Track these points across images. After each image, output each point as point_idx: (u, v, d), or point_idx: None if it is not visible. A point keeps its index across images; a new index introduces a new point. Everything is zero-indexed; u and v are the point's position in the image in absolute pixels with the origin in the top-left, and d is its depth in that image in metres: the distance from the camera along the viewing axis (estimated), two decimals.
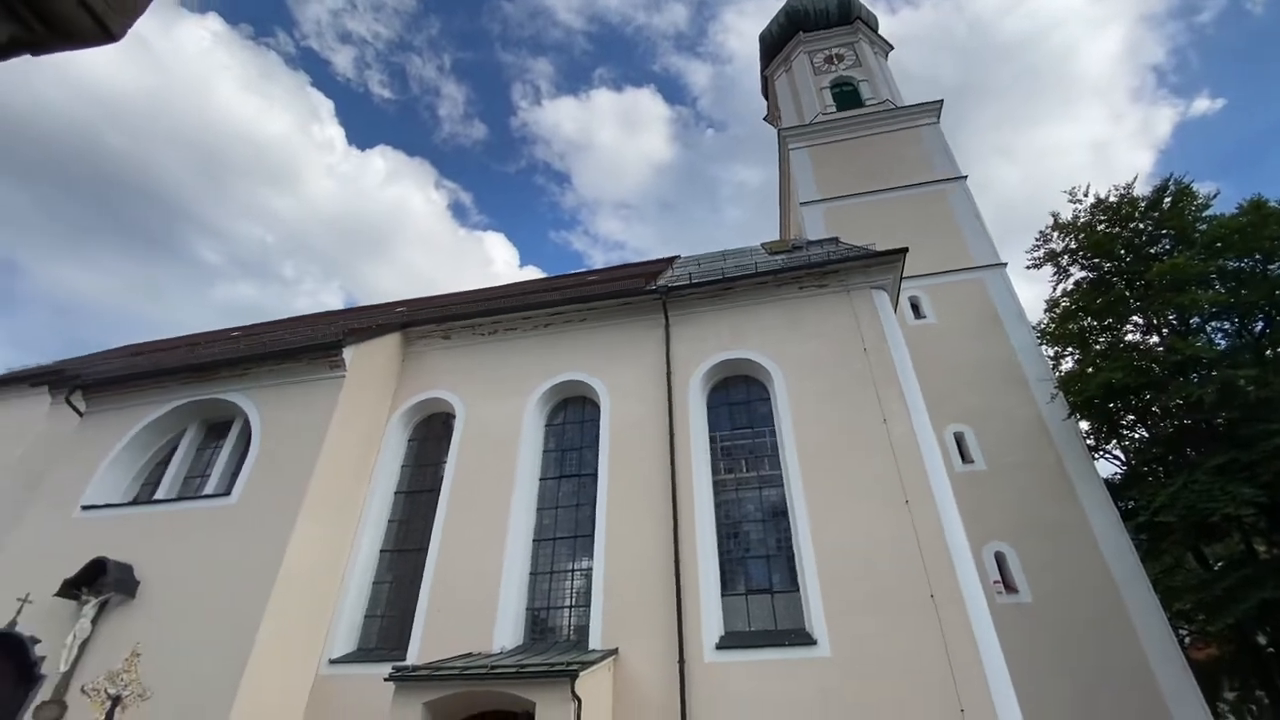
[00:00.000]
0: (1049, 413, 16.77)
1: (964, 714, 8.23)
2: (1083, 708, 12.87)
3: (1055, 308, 19.89)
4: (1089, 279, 19.28)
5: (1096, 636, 13.65)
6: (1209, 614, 15.75)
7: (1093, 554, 14.63)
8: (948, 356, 17.90)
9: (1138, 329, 18.55)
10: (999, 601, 14.14)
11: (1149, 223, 18.50)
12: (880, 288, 12.79)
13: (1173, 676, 13.11)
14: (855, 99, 26.95)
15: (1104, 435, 19.25)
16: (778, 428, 11.76)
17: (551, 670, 8.22)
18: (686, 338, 13.17)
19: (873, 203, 22.15)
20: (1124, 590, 14.08)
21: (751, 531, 11.18)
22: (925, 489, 10.09)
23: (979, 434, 16.64)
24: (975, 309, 19.07)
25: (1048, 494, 15.57)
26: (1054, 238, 19.91)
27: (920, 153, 23.45)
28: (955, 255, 20.20)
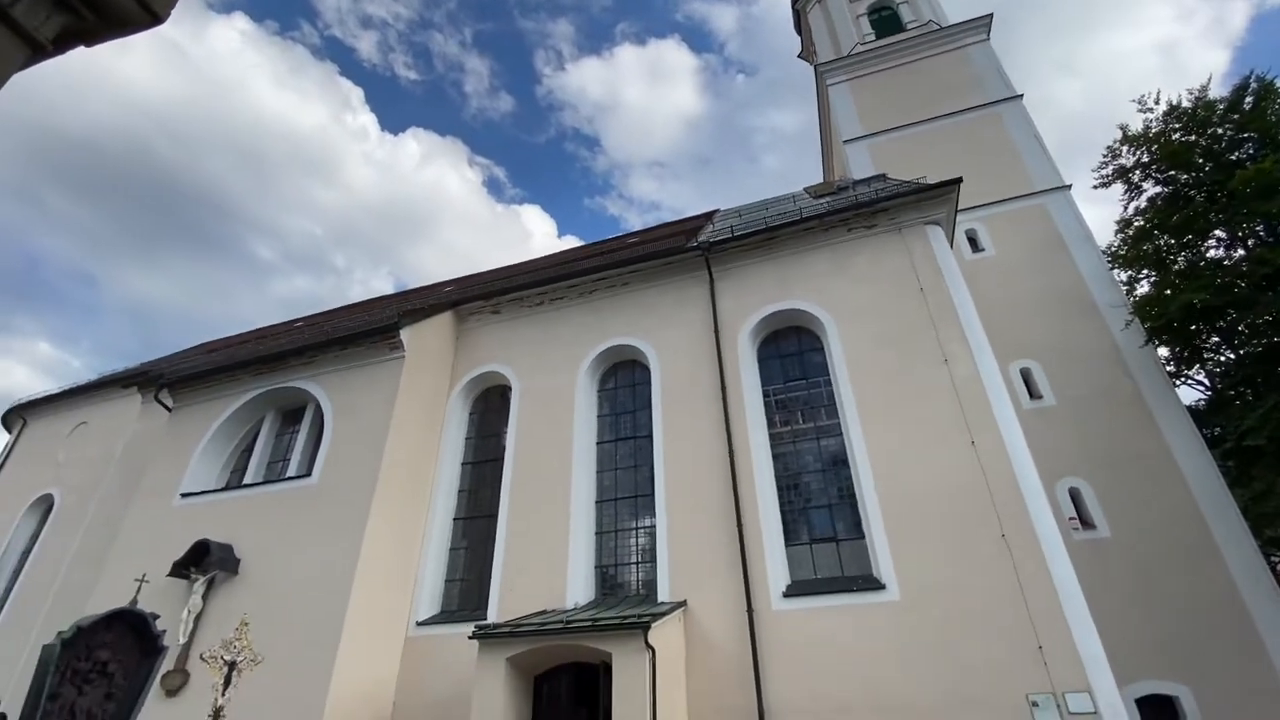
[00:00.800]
0: (1124, 340, 15.85)
1: (1042, 650, 8.14)
2: (1170, 641, 12.50)
3: (1127, 228, 18.55)
4: (1164, 194, 17.85)
5: (1181, 568, 13.13)
6: None
7: (1176, 484, 13.97)
8: (1010, 290, 17.05)
9: (1220, 244, 17.17)
10: (1075, 538, 13.73)
11: (1229, 127, 16.87)
12: (934, 223, 12.22)
13: (1266, 604, 12.54)
14: (896, 24, 25.32)
15: (1185, 360, 18.09)
16: (833, 377, 11.55)
17: (625, 622, 8.54)
18: (732, 293, 12.99)
19: (921, 134, 20.97)
20: (1210, 519, 13.43)
21: (812, 482, 11.15)
22: (992, 428, 9.79)
23: (1047, 368, 15.90)
24: (1038, 237, 18.01)
25: (1124, 425, 14.85)
26: (1123, 152, 18.43)
27: (970, 75, 21.94)
28: (1014, 182, 19.01)
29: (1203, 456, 14.19)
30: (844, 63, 24.15)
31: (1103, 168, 18.97)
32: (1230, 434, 15.42)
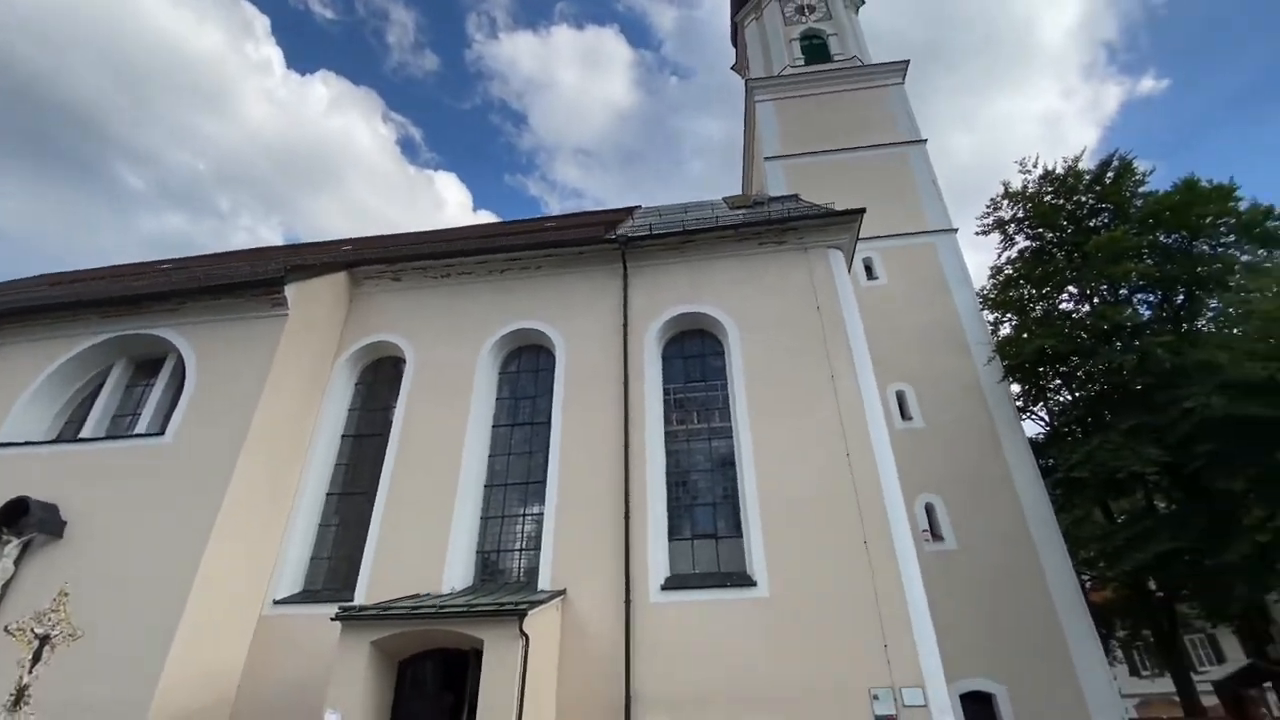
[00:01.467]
0: (985, 375, 17.63)
1: (887, 648, 8.90)
2: (994, 644, 14.08)
3: (998, 274, 20.67)
4: (1032, 248, 20.04)
5: (1010, 581, 14.82)
6: (1109, 562, 17.30)
7: (1013, 506, 15.74)
8: (895, 318, 18.46)
9: (1072, 298, 19.51)
10: (926, 549, 15.11)
11: (1091, 196, 19.22)
12: (837, 247, 12.97)
13: (1074, 617, 14.43)
14: (824, 53, 26.61)
15: (1032, 397, 20.41)
16: (730, 382, 11.98)
17: (501, 609, 8.41)
18: (645, 289, 13.12)
19: (834, 162, 22.19)
20: (1038, 540, 15.25)
21: (700, 480, 11.52)
22: (866, 443, 10.55)
23: (919, 393, 17.39)
24: (925, 273, 19.61)
25: (977, 451, 16.53)
26: (1003, 206, 20.51)
27: (884, 113, 23.49)
28: (910, 219, 20.59)
29: (1037, 484, 16.06)
30: (773, 82, 25.07)
31: (985, 217, 21.00)
32: (1061, 466, 17.59)
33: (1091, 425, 18.35)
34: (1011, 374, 18.26)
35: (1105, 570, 18.16)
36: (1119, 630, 22.17)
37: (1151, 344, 16.28)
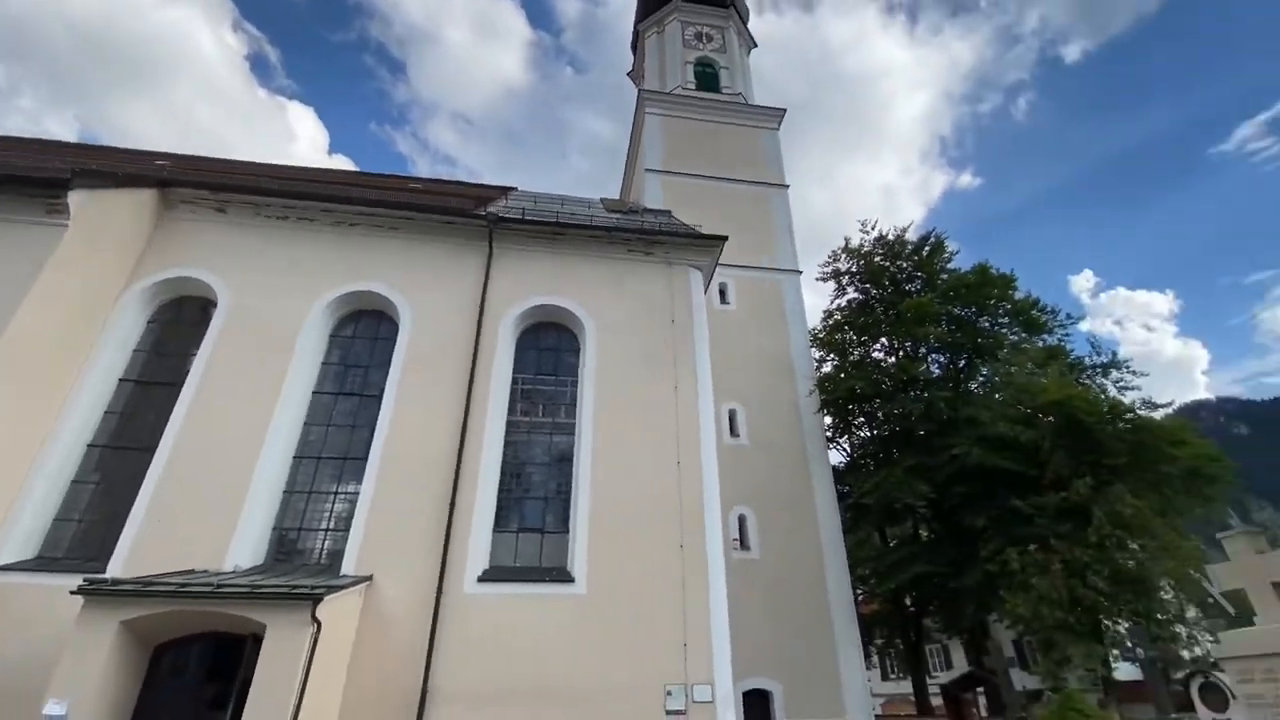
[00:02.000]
0: (805, 404, 19.56)
1: (686, 647, 9.48)
2: (778, 647, 15.59)
3: (829, 318, 23.09)
4: (859, 300, 22.69)
5: (798, 591, 16.53)
6: (879, 579, 20.02)
7: (811, 524, 17.60)
8: (738, 342, 19.83)
9: (883, 349, 22.38)
10: (734, 556, 16.37)
11: (910, 264, 22.24)
12: (698, 268, 13.63)
13: (845, 626, 16.45)
14: (714, 83, 27.95)
15: (840, 430, 23.04)
16: (581, 380, 12.05)
17: (292, 593, 7.65)
18: (508, 273, 12.77)
19: (707, 187, 23.36)
20: (827, 556, 17.20)
21: (535, 474, 11.42)
22: (696, 454, 11.19)
23: (749, 413, 18.83)
24: (769, 305, 21.33)
25: (789, 471, 18.28)
26: (842, 259, 23.00)
27: (756, 153, 25.22)
28: (765, 254, 22.28)
29: (833, 506, 18.12)
30: (665, 98, 25.83)
31: (826, 266, 23.39)
32: (854, 492, 20.04)
33: (882, 460, 21.15)
34: (826, 407, 20.45)
35: (875, 586, 20.98)
36: (877, 639, 25.67)
37: (936, 397, 19.15)
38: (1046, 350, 19.92)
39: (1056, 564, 14.32)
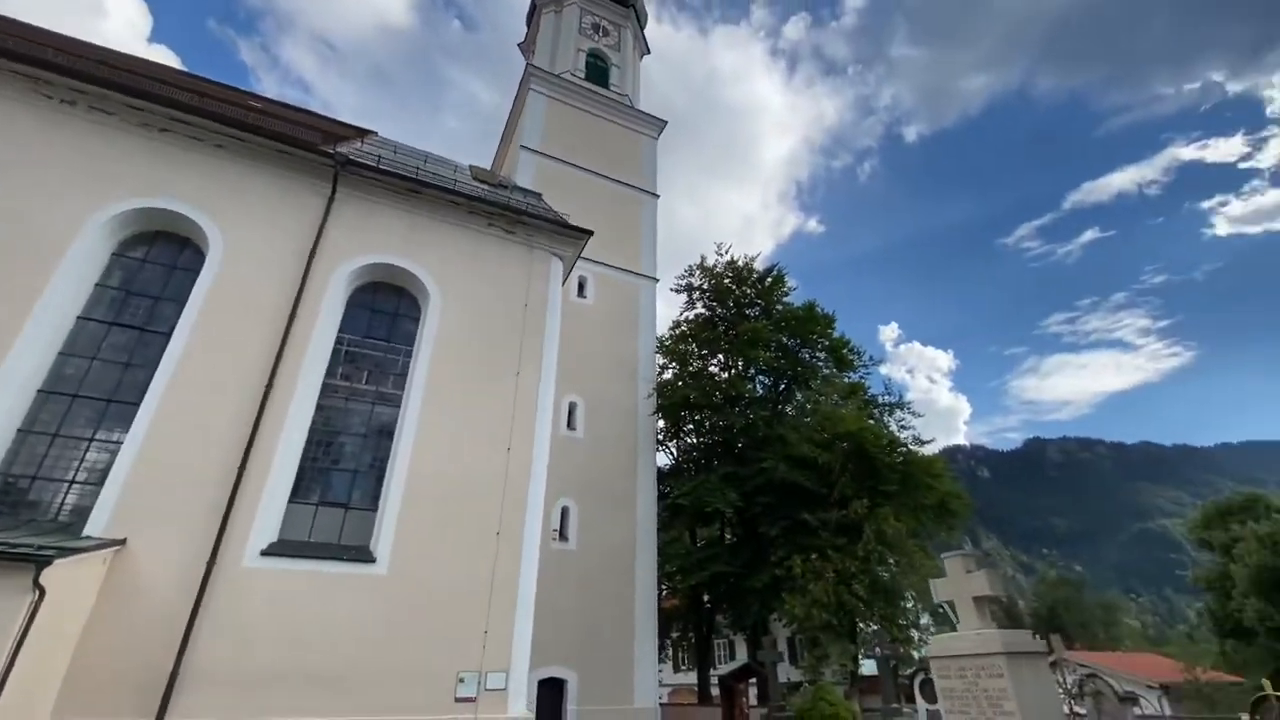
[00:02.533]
0: (642, 406, 20.32)
1: (487, 634, 9.36)
2: (580, 637, 15.99)
3: (677, 328, 24.27)
4: (705, 316, 24.11)
5: (607, 584, 17.13)
6: (683, 576, 21.35)
7: (630, 521, 18.32)
8: (589, 337, 20.07)
9: (719, 365, 23.99)
10: (552, 547, 16.52)
11: (753, 291, 24.08)
12: (560, 256, 13.55)
13: (646, 619, 17.34)
14: (604, 78, 27.99)
15: (670, 434, 24.28)
16: (416, 350, 11.37)
17: (10, 552, 6.32)
18: (350, 223, 11.67)
19: (581, 179, 23.35)
20: (640, 551, 18.02)
21: (348, 444, 10.56)
22: (529, 442, 11.10)
23: (588, 407, 19.13)
24: (624, 307, 21.85)
25: (618, 468, 18.86)
26: (696, 275, 24.29)
27: (634, 157, 25.72)
28: (627, 257, 22.78)
29: (653, 505, 19.02)
30: (553, 80, 25.35)
31: (681, 279, 24.55)
32: (672, 494, 21.20)
33: (703, 466, 22.67)
34: (662, 411, 21.44)
35: (679, 583, 22.35)
36: (674, 632, 27.36)
37: (758, 415, 20.93)
38: (850, 385, 22.67)
39: (830, 572, 16.37)
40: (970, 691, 5.04)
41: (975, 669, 5.06)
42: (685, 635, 27.65)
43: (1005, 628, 5.62)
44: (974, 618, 5.42)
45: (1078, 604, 56.48)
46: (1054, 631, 50.57)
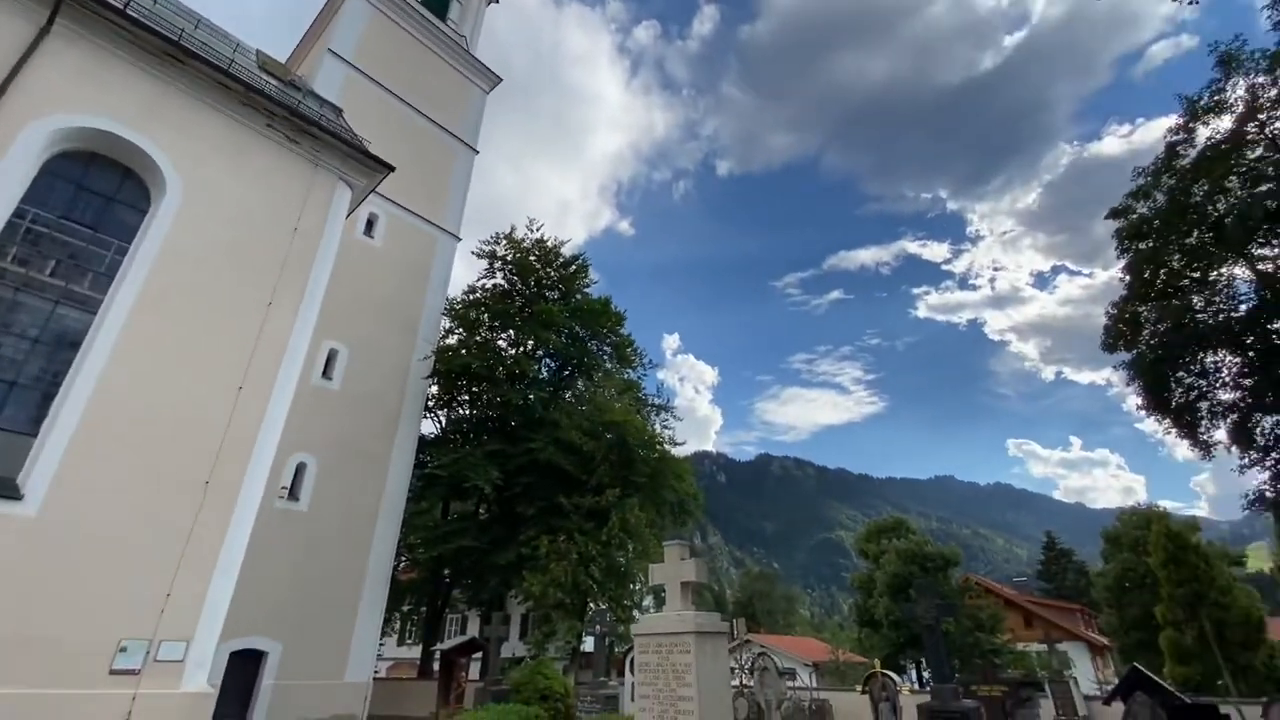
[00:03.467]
0: (416, 367, 19.13)
1: (169, 598, 7.97)
2: (294, 605, 14.47)
3: (472, 293, 23.30)
4: (504, 288, 23.55)
5: (340, 550, 15.78)
6: (426, 548, 20.57)
7: (378, 486, 17.11)
8: (368, 281, 18.29)
9: (509, 340, 23.64)
10: (277, 505, 14.69)
11: (556, 274, 24.19)
12: (350, 184, 12.10)
13: (376, 590, 16.36)
14: (443, 8, 25.72)
15: (441, 402, 23.24)
16: (136, 250, 9.22)
17: None
18: (68, 67, 9.04)
19: (394, 108, 21.20)
20: (383, 519, 16.92)
21: (6, 346, 8.18)
22: (268, 384, 9.70)
23: (352, 358, 17.39)
24: (417, 258, 20.34)
25: (374, 430, 17.48)
26: (502, 244, 23.58)
27: (459, 104, 24.09)
28: (431, 206, 21.25)
29: (407, 472, 18.03)
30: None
31: (485, 245, 23.63)
32: (430, 463, 20.36)
33: (471, 440, 22.11)
34: (437, 376, 20.41)
35: (421, 554, 21.47)
36: (406, 604, 26.18)
37: (537, 396, 21.07)
38: (627, 382, 23.99)
39: (574, 554, 17.16)
40: (662, 666, 5.72)
41: (669, 645, 5.75)
42: (418, 608, 26.65)
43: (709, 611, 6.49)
44: (679, 600, 6.16)
45: (769, 595, 67.32)
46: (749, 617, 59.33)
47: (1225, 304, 16.87)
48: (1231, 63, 15.43)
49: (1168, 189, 16.82)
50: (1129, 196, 17.72)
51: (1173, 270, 17.20)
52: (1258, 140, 15.65)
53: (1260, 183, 15.51)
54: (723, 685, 5.90)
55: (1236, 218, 15.44)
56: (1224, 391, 17.19)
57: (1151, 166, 17.28)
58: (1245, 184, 15.82)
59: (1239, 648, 19.70)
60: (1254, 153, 15.72)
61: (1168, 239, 16.96)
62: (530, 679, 12.19)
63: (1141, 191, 17.44)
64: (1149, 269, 17.35)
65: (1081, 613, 40.31)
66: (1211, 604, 20.34)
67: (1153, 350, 17.26)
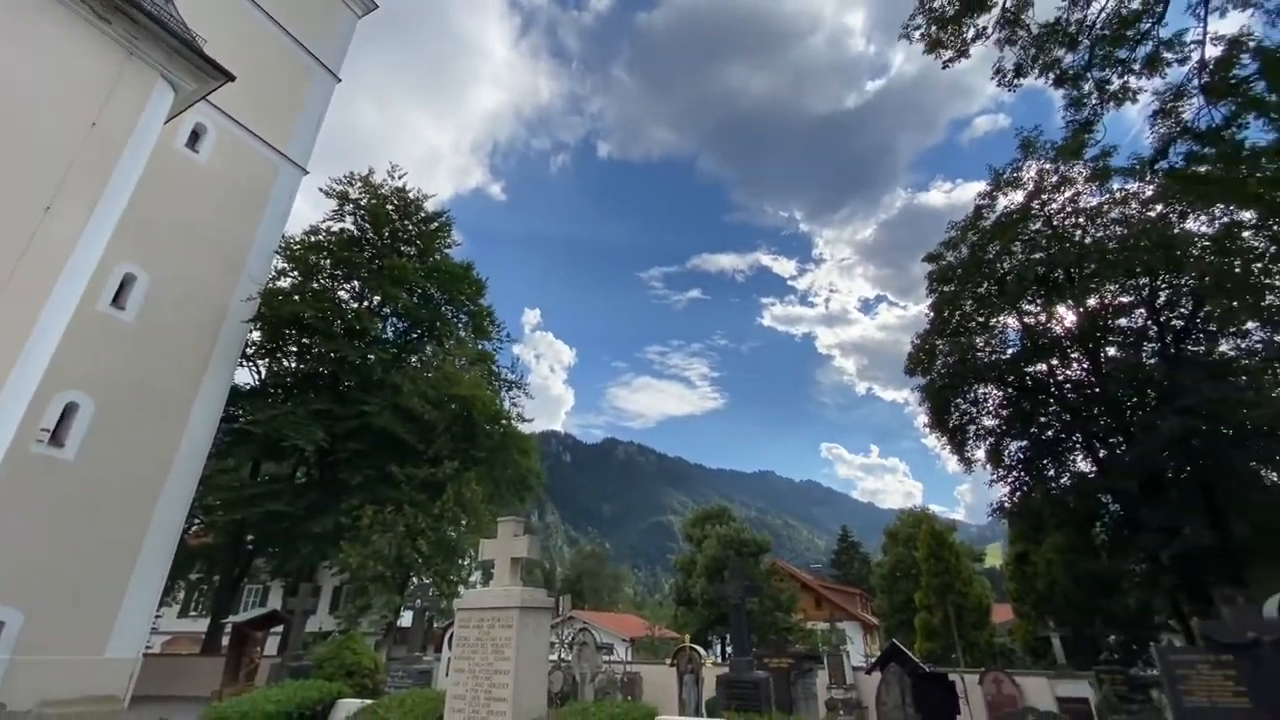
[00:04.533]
0: (237, 309, 16.93)
1: None
2: (48, 567, 12.22)
3: (315, 234, 21.04)
4: (353, 234, 21.58)
5: (116, 508, 13.58)
6: (227, 510, 18.39)
7: (174, 438, 14.93)
8: (186, 202, 15.82)
9: (351, 292, 21.75)
10: (33, 450, 12.29)
11: (415, 229, 22.66)
12: (173, 84, 10.32)
13: (158, 554, 14.31)
14: None
15: (264, 350, 20.81)
16: None
17: None
18: None
19: (245, 11, 18.44)
20: (175, 474, 14.80)
21: None
22: (34, 307, 8.04)
23: (152, 287, 14.92)
24: (251, 184, 17.93)
25: (177, 373, 15.23)
26: (357, 185, 21.55)
27: (325, 23, 21.55)
28: (275, 128, 18.82)
29: (212, 425, 15.96)
30: None
31: (338, 184, 21.48)
32: (243, 417, 18.28)
33: (295, 396, 20.08)
34: (262, 321, 18.25)
35: (220, 517, 19.12)
36: (195, 572, 23.21)
37: (378, 357, 19.67)
38: (481, 353, 23.21)
39: (401, 526, 16.35)
40: (482, 640, 5.69)
41: (491, 620, 5.74)
42: (209, 576, 23.75)
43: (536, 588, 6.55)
44: (507, 576, 6.15)
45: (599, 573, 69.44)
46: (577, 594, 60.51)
47: (998, 347, 20.36)
48: (1029, 147, 18.52)
49: (971, 244, 19.84)
50: (942, 245, 20.65)
51: (965, 313, 20.37)
52: (1039, 215, 18.98)
53: (1035, 251, 18.87)
54: (541, 659, 6.01)
55: (1015, 277, 18.73)
56: (987, 418, 20.79)
57: (962, 222, 20.28)
58: (1025, 250, 19.15)
59: (971, 628, 24.01)
60: (1035, 225, 19.04)
61: (965, 286, 20.03)
62: (336, 654, 11.45)
63: (952, 242, 20.40)
64: (949, 309, 20.39)
65: (861, 596, 46.61)
66: (956, 592, 24.55)
67: (941, 378, 20.33)
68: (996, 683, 11.04)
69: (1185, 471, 16.07)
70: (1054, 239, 18.54)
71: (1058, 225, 18.75)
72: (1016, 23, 13.02)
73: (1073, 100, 14.32)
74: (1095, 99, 13.93)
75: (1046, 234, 18.82)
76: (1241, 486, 15.14)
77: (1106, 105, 14.02)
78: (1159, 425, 15.14)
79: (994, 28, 13.16)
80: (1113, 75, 13.60)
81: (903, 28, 13.30)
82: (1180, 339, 17.43)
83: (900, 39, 13.40)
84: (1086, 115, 14.41)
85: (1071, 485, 18.89)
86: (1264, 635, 5.42)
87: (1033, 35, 13.11)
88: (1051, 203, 18.86)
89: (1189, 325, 17.41)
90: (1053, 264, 18.34)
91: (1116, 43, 13.22)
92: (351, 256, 20.73)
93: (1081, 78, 13.66)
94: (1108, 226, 18.00)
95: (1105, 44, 13.32)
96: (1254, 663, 5.38)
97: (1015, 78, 13.68)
